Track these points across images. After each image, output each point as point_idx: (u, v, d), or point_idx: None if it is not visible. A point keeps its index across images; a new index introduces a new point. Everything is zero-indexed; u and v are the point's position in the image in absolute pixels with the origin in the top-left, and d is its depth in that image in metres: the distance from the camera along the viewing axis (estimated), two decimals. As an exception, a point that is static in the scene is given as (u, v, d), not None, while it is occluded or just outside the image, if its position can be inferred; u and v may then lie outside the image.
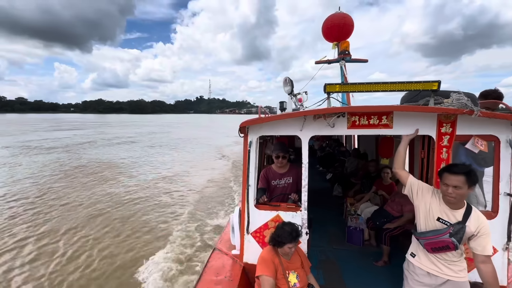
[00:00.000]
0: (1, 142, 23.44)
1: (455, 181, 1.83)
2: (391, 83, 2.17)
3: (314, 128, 2.41)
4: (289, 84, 2.63)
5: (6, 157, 16.50)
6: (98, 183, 10.93)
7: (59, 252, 5.67)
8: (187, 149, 22.24)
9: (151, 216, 7.60)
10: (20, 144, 22.35)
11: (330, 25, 3.95)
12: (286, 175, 2.98)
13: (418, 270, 2.14)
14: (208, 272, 2.59)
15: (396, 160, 2.25)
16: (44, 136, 29.93)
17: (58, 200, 8.81)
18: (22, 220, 7.23)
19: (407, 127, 2.25)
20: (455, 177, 1.83)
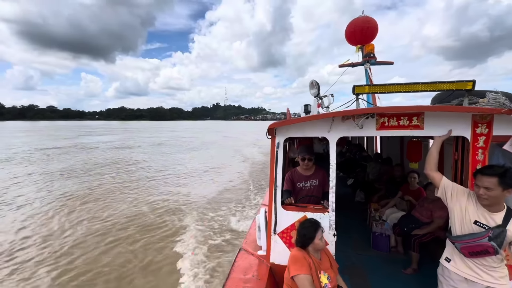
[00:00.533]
0: (79, 142, 29.67)
1: (486, 183, 1.78)
2: (423, 83, 2.15)
3: (342, 129, 2.42)
4: (316, 87, 2.68)
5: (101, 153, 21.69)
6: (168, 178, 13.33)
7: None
8: (216, 150, 26.49)
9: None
10: (88, 146, 27.10)
11: (353, 29, 3.96)
12: (312, 177, 2.99)
13: (454, 275, 2.06)
14: (236, 271, 2.64)
15: (428, 162, 2.21)
16: (96, 139, 35.28)
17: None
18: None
19: (439, 128, 2.21)
20: (487, 178, 1.78)
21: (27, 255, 5.75)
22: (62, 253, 5.84)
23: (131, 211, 8.42)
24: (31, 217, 7.93)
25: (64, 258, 5.62)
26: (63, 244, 6.24)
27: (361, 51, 4.25)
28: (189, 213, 8.21)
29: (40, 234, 6.77)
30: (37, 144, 27.38)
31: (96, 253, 5.81)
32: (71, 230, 7.02)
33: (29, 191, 10.55)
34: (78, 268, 5.27)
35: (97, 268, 5.25)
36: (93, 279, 4.92)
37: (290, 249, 2.70)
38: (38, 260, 5.55)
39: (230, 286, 2.37)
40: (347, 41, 4.27)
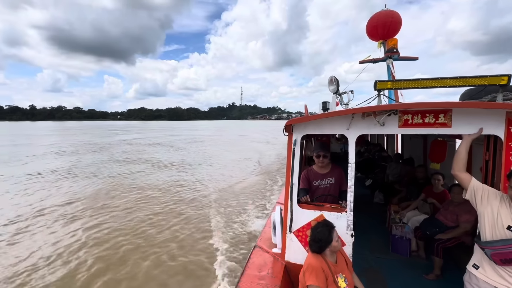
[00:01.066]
0: (125, 139, 33.73)
1: None
2: (452, 78, 2.02)
3: (362, 127, 2.33)
4: (335, 83, 2.60)
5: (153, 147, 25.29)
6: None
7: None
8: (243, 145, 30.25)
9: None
10: (134, 141, 31.07)
11: (375, 23, 3.78)
12: (329, 176, 2.92)
13: (482, 283, 1.93)
14: (250, 267, 2.63)
15: (456, 162, 2.08)
16: (133, 136, 40.06)
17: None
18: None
19: (468, 126, 2.06)
20: None
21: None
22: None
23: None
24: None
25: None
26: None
27: (383, 47, 4.08)
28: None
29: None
30: (98, 140, 32.06)
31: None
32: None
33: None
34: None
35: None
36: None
37: (306, 248, 2.65)
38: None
39: (245, 282, 2.37)
40: (368, 36, 4.10)
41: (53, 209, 8.22)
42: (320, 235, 2.07)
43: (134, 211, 8.05)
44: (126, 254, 5.55)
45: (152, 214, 7.81)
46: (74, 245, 5.92)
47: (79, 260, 5.32)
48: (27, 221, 7.27)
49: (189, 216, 7.72)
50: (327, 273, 2.03)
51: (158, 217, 7.61)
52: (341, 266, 2.16)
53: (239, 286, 2.31)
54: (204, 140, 34.34)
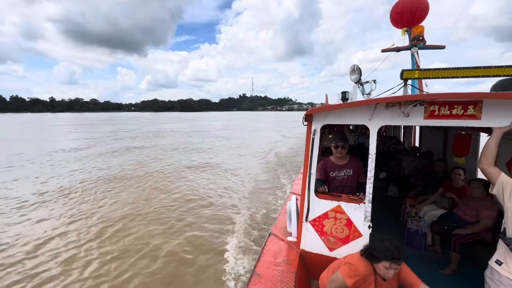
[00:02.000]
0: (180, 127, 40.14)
1: None
2: (485, 67, 1.91)
3: (385, 117, 2.27)
4: (357, 72, 2.53)
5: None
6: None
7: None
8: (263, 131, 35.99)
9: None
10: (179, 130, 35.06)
11: (400, 9, 3.59)
12: (346, 167, 2.89)
13: (505, 280, 1.90)
14: (266, 254, 2.68)
15: (484, 156, 2.00)
16: (170, 126, 43.72)
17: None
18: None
19: (500, 118, 1.97)
20: None
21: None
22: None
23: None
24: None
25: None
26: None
27: (407, 34, 3.89)
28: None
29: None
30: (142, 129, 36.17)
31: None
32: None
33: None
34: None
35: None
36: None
37: (322, 238, 2.67)
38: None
39: (261, 267, 2.42)
40: (392, 23, 3.92)
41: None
42: (378, 245, 1.90)
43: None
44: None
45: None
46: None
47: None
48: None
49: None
50: (369, 283, 1.92)
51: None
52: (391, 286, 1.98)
53: (255, 271, 2.36)
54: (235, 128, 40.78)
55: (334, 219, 2.59)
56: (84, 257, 4.90)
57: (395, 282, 2.01)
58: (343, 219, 2.57)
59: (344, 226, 2.58)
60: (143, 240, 5.49)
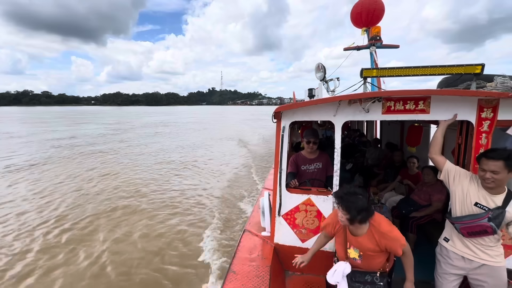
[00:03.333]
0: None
1: (492, 166, 1.82)
2: (432, 67, 2.14)
3: (348, 113, 2.42)
4: (322, 70, 2.64)
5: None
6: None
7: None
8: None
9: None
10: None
11: (359, 10, 3.83)
12: (316, 161, 3.04)
13: (452, 254, 2.16)
14: (241, 250, 2.72)
15: (432, 146, 2.24)
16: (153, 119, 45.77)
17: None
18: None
19: (445, 112, 2.22)
20: (493, 162, 1.81)
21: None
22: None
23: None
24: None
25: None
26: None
27: (366, 34, 4.16)
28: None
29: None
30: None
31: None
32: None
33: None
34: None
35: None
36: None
37: (294, 230, 2.78)
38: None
39: (236, 264, 2.45)
40: (353, 23, 4.15)
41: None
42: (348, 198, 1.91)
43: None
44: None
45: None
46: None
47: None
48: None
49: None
50: (339, 230, 2.06)
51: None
52: (361, 244, 1.98)
53: (231, 268, 2.39)
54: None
55: (305, 211, 2.71)
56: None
57: (370, 241, 1.96)
58: (313, 211, 2.70)
59: (314, 218, 2.71)
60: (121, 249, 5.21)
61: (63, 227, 6.09)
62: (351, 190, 1.90)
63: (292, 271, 2.87)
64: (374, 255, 1.97)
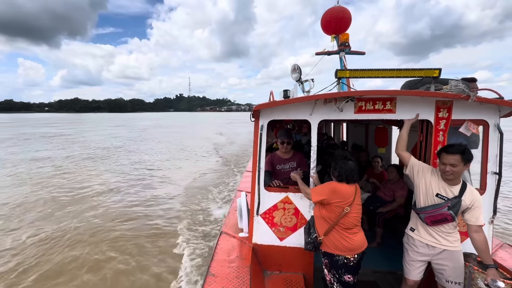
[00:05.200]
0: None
1: (452, 160, 2.03)
2: (397, 69, 2.34)
3: (324, 112, 2.52)
4: (298, 71, 2.73)
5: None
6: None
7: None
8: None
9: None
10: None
11: (329, 18, 4.09)
12: (291, 160, 3.09)
13: (417, 242, 2.34)
14: (219, 252, 2.63)
15: (399, 143, 2.43)
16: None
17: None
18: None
19: (409, 112, 2.43)
20: (452, 156, 2.03)
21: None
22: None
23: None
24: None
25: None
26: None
27: (336, 40, 4.43)
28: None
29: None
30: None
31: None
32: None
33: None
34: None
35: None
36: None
37: (272, 229, 2.78)
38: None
39: (215, 267, 2.36)
40: (323, 30, 4.41)
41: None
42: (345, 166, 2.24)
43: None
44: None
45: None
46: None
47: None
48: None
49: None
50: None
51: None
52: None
53: (209, 271, 2.29)
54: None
55: (283, 209, 2.73)
56: None
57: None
58: (291, 208, 2.73)
59: (292, 216, 2.74)
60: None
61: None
62: (344, 154, 2.27)
63: (271, 270, 2.85)
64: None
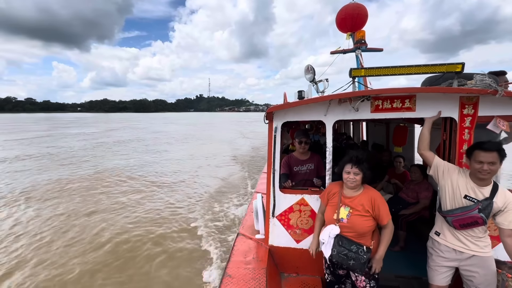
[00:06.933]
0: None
1: (490, 158, 1.87)
2: (416, 66, 2.23)
3: (338, 112, 2.47)
4: (311, 72, 2.69)
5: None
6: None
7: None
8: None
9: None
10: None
11: (344, 16, 3.98)
12: (308, 162, 3.06)
13: (443, 247, 2.21)
14: (236, 254, 2.67)
15: (421, 142, 2.31)
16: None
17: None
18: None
19: (429, 109, 2.31)
20: (489, 153, 1.88)
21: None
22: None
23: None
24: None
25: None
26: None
27: (351, 38, 4.31)
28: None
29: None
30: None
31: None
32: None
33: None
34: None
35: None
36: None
37: (288, 231, 2.76)
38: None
39: (232, 268, 2.40)
40: (338, 28, 4.31)
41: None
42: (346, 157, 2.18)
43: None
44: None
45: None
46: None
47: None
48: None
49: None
50: (333, 195, 2.23)
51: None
52: (354, 203, 2.10)
53: (226, 272, 2.34)
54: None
55: (299, 211, 2.71)
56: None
57: (363, 202, 2.09)
58: (307, 210, 2.70)
59: (308, 218, 2.71)
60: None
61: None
62: (364, 155, 2.13)
63: (288, 272, 2.84)
64: (361, 216, 2.07)
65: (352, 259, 2.02)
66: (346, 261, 2.05)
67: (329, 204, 2.27)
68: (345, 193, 2.19)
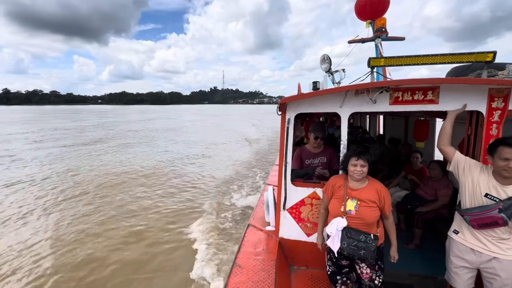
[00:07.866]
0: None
1: None
2: (441, 55, 2.08)
3: (355, 104, 2.37)
4: (327, 62, 2.59)
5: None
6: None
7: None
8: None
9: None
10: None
11: (364, 2, 3.77)
12: (321, 155, 2.99)
13: (461, 246, 2.11)
14: (246, 245, 2.69)
15: (441, 137, 2.19)
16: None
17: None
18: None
19: (454, 102, 2.16)
20: None
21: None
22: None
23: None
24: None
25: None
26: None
27: (371, 27, 4.10)
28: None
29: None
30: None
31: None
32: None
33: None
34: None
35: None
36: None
37: (299, 224, 2.74)
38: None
39: (241, 258, 2.42)
40: (357, 15, 4.09)
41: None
42: (348, 152, 2.20)
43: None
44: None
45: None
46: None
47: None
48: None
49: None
50: (338, 188, 2.20)
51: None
52: (362, 195, 2.11)
53: (236, 262, 2.36)
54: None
55: (310, 205, 2.67)
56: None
57: (370, 194, 2.11)
58: (319, 204, 2.66)
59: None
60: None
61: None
62: (363, 148, 2.15)
63: (298, 265, 2.83)
64: (369, 207, 2.09)
65: (363, 249, 2.05)
66: (357, 251, 2.07)
67: (334, 197, 2.23)
68: (351, 186, 2.17)
